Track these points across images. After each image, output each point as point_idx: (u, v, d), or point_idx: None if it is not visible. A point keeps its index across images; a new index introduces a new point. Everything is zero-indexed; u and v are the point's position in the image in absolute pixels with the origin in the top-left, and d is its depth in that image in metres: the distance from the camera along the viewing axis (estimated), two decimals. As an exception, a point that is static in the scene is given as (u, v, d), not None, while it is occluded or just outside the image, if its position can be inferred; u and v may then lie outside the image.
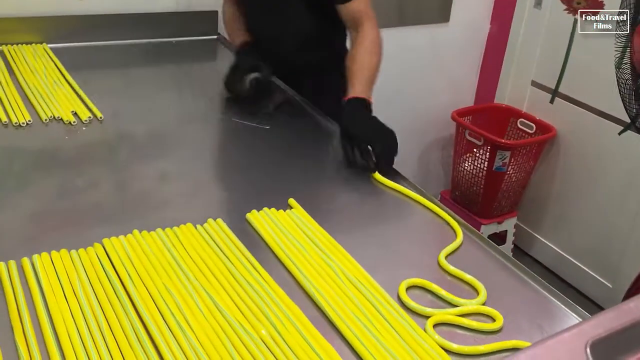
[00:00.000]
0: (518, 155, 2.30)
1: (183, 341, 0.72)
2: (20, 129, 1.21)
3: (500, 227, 2.48)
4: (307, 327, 0.77)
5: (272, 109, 1.41)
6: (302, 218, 1.00)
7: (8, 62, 1.50)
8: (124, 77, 1.49)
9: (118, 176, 1.11)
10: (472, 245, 1.00)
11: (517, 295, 0.90)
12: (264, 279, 0.85)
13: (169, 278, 0.83)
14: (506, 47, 2.53)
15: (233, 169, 1.17)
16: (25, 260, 0.82)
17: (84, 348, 0.70)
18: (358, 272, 0.89)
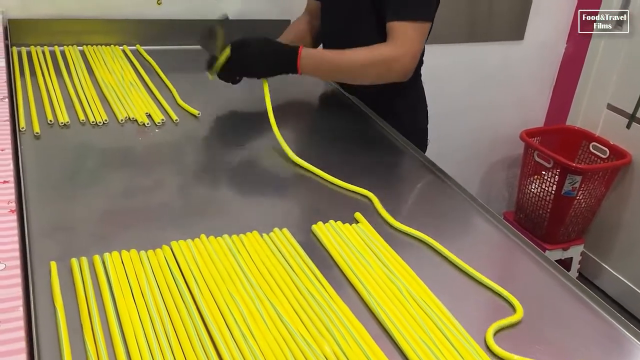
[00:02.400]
0: (589, 181, 2.22)
1: (245, 350, 0.72)
2: (96, 127, 1.25)
3: (566, 254, 2.40)
4: (370, 346, 0.75)
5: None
6: (368, 233, 0.98)
7: (88, 63, 1.55)
8: (196, 82, 1.51)
9: (186, 179, 1.13)
10: (536, 267, 0.97)
11: (584, 322, 0.86)
12: (327, 293, 0.84)
13: (234, 285, 0.83)
14: (582, 67, 2.45)
15: (300, 180, 1.16)
16: (96, 258, 0.84)
17: (149, 349, 0.70)
18: (424, 292, 0.86)
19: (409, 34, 1.28)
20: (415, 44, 1.29)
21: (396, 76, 1.31)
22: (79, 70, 1.48)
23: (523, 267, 0.98)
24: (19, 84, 1.35)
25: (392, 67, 1.30)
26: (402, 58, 1.29)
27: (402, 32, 1.28)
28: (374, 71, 1.31)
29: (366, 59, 1.29)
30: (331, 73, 1.36)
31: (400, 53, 1.28)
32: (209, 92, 1.46)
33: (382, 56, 1.29)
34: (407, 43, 1.28)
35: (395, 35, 1.29)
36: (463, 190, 1.16)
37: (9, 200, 0.84)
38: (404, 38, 1.28)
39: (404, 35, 1.28)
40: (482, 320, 0.84)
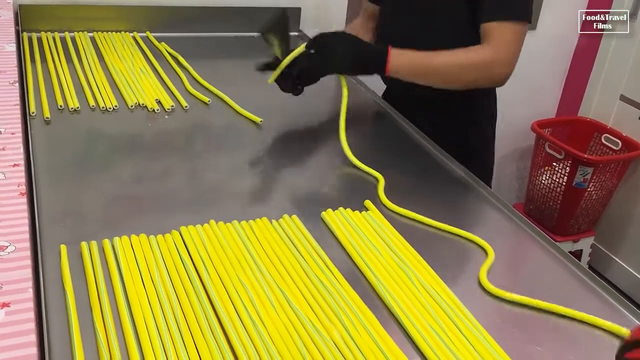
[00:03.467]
0: (601, 172, 2.20)
1: (255, 335, 0.72)
2: (106, 113, 1.24)
3: (576, 246, 2.38)
4: (379, 333, 0.75)
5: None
6: (377, 221, 0.98)
7: (98, 49, 1.55)
8: (209, 69, 1.50)
9: (195, 165, 1.13)
10: (547, 257, 0.96)
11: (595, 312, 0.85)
12: (337, 280, 0.83)
13: (243, 271, 0.82)
14: (595, 58, 2.43)
15: (310, 166, 1.16)
16: (106, 242, 0.84)
17: (159, 332, 0.70)
18: (434, 280, 0.86)
19: (508, 37, 1.18)
20: (515, 48, 1.19)
21: (494, 82, 1.23)
22: (89, 57, 1.48)
23: (534, 257, 0.97)
24: (30, 69, 1.35)
25: (493, 72, 1.20)
26: (503, 62, 1.19)
27: (501, 34, 1.18)
28: (472, 75, 1.21)
29: (465, 61, 1.19)
30: (423, 75, 1.22)
31: (501, 57, 1.18)
32: (218, 79, 1.46)
33: (483, 59, 1.19)
34: (507, 46, 1.18)
35: (493, 37, 1.18)
36: (474, 179, 1.15)
37: (19, 183, 0.84)
38: (504, 41, 1.18)
39: (503, 37, 1.18)
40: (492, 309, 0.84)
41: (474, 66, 1.19)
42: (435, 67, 1.20)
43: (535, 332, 0.80)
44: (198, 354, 0.69)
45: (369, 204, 1.02)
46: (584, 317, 0.82)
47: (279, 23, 1.22)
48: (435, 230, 0.99)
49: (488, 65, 1.19)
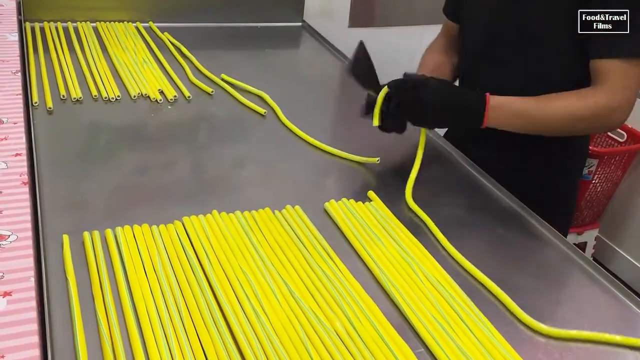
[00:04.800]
0: (606, 164, 2.19)
1: (257, 325, 0.72)
2: (109, 103, 1.24)
3: (580, 238, 2.37)
4: (381, 323, 0.75)
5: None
6: (380, 211, 0.97)
7: (101, 39, 1.54)
8: (209, 59, 1.50)
9: (198, 156, 1.12)
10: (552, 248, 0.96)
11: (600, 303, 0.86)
12: (339, 270, 0.83)
13: (245, 261, 0.82)
14: (601, 49, 2.41)
15: (313, 157, 1.15)
16: (108, 232, 0.84)
17: (161, 322, 0.70)
18: (437, 271, 0.85)
19: (626, 76, 1.00)
20: (634, 89, 1.01)
21: (606, 130, 1.11)
22: (92, 46, 1.47)
23: (538, 248, 0.97)
24: (32, 59, 1.35)
25: (608, 120, 1.04)
26: (620, 108, 1.01)
27: (618, 74, 1.00)
28: (584, 126, 1.05)
29: (576, 112, 1.02)
30: (526, 127, 1.06)
31: (618, 101, 1.01)
32: (221, 69, 1.45)
33: (597, 107, 1.01)
34: (625, 88, 1.00)
35: (607, 77, 1.01)
36: (479, 171, 1.15)
37: (21, 172, 0.84)
38: (621, 81, 1.00)
39: (621, 78, 1.00)
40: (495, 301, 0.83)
41: (587, 117, 1.02)
42: (541, 120, 1.04)
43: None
44: (200, 343, 0.69)
45: (372, 194, 1.02)
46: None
47: (360, 57, 1.09)
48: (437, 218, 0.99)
49: (603, 115, 1.02)
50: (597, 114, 1.02)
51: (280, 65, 1.64)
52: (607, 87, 1.01)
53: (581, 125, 1.05)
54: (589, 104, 1.01)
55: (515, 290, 0.83)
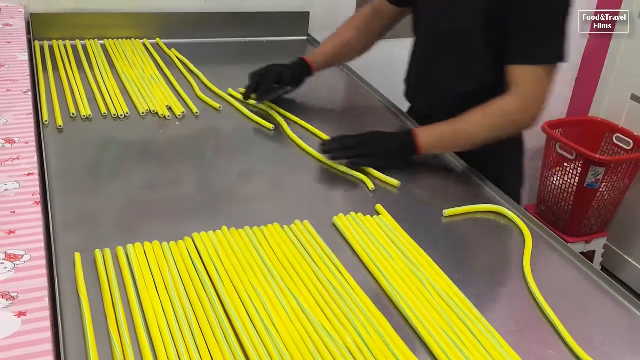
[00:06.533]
0: (613, 172, 2.19)
1: (268, 341, 0.72)
2: (118, 120, 1.25)
3: (588, 247, 2.37)
4: (392, 337, 0.75)
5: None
6: (389, 225, 0.98)
7: (109, 56, 1.56)
8: (216, 75, 1.51)
9: (207, 171, 1.13)
10: (560, 259, 0.96)
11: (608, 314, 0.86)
12: (349, 284, 0.84)
13: (256, 277, 0.83)
14: (605, 58, 2.41)
15: (321, 171, 1.16)
16: (119, 249, 0.85)
17: (173, 339, 0.71)
18: (445, 283, 0.86)
19: (537, 83, 1.12)
20: (543, 94, 1.12)
21: (524, 129, 1.19)
22: (101, 64, 1.49)
23: (546, 259, 0.97)
24: (42, 77, 1.37)
25: (520, 124, 1.16)
26: (529, 111, 1.13)
27: (528, 80, 1.11)
28: (501, 133, 1.16)
29: (490, 124, 1.14)
30: (454, 147, 1.20)
31: (527, 105, 1.12)
32: (228, 85, 1.46)
33: (508, 116, 1.13)
34: (534, 93, 1.12)
35: (518, 83, 1.11)
36: (485, 181, 1.15)
37: (33, 192, 0.85)
38: (531, 88, 1.11)
39: (530, 84, 1.11)
40: (506, 314, 0.84)
41: (501, 125, 1.15)
42: (464, 138, 1.16)
43: (549, 335, 0.80)
44: (212, 359, 0.69)
45: (380, 208, 1.02)
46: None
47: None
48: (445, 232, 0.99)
49: (514, 121, 1.14)
50: (508, 122, 1.14)
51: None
52: (518, 93, 1.11)
53: (499, 133, 1.15)
54: (498, 115, 1.13)
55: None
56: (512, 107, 1.12)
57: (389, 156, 1.17)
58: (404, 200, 1.09)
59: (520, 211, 1.08)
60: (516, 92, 1.12)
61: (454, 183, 1.17)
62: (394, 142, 1.18)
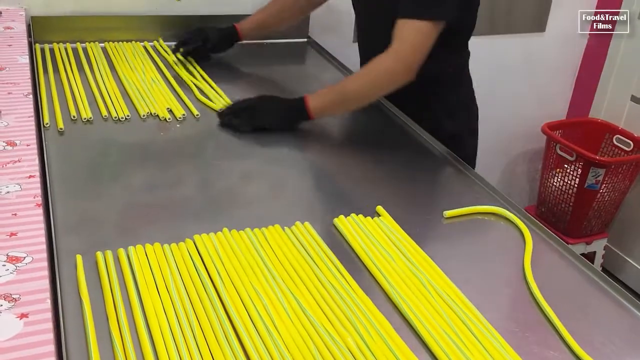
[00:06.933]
0: (613, 174, 2.19)
1: (269, 342, 0.72)
2: (119, 123, 1.26)
3: (589, 248, 2.37)
4: (393, 339, 0.75)
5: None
6: (390, 226, 0.98)
7: (110, 59, 1.56)
8: (217, 77, 1.51)
9: (208, 173, 1.13)
10: (560, 260, 0.96)
11: (609, 315, 0.86)
12: (350, 286, 0.84)
13: (256, 278, 0.83)
14: (605, 59, 2.41)
15: (320, 173, 1.16)
16: (121, 251, 0.85)
17: (174, 341, 0.71)
18: (446, 284, 0.86)
19: (410, 38, 1.20)
20: (416, 48, 1.21)
21: (401, 82, 1.24)
22: (101, 67, 1.49)
23: (546, 260, 0.97)
24: (43, 80, 1.37)
25: (394, 81, 1.23)
26: (402, 68, 1.21)
27: (403, 32, 1.21)
28: (380, 88, 1.26)
29: (368, 81, 1.24)
30: (343, 107, 1.31)
31: (400, 62, 1.21)
32: (229, 87, 1.46)
33: (385, 72, 1.23)
34: (407, 48, 1.20)
35: (397, 35, 1.21)
36: (485, 183, 1.16)
37: (34, 194, 0.85)
38: (404, 40, 1.21)
39: (404, 36, 1.21)
40: (507, 315, 0.84)
41: (378, 81, 1.24)
42: (349, 98, 1.26)
43: (550, 336, 0.80)
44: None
45: (380, 209, 1.02)
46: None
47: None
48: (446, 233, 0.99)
49: (388, 75, 1.23)
50: (382, 76, 1.23)
51: (286, 80, 1.65)
52: (393, 48, 1.21)
53: (378, 89, 1.26)
54: (374, 71, 1.23)
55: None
56: (388, 62, 1.22)
57: (278, 120, 1.27)
58: (404, 202, 1.09)
59: (520, 212, 1.08)
60: (392, 47, 1.21)
61: (454, 184, 1.18)
62: (284, 106, 1.27)
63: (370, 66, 1.24)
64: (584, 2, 2.37)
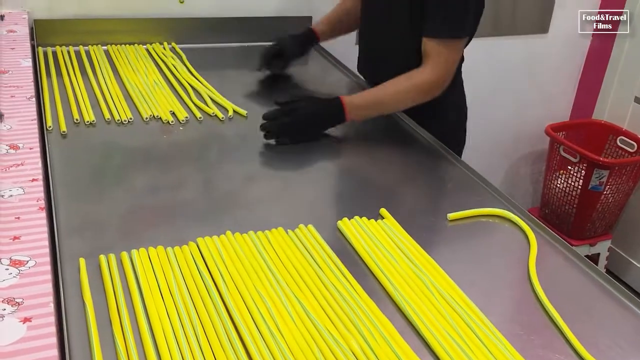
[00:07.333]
0: (617, 175, 2.18)
1: (273, 346, 0.72)
2: (122, 125, 1.26)
3: (593, 250, 2.36)
4: (397, 341, 0.75)
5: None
6: (393, 229, 0.98)
7: (113, 62, 1.56)
8: (219, 79, 1.51)
9: (211, 176, 1.13)
10: (564, 262, 0.96)
11: (614, 317, 0.85)
12: (354, 289, 0.83)
13: (260, 281, 0.83)
14: (608, 60, 2.41)
15: (324, 175, 1.16)
16: (124, 255, 0.85)
17: (178, 344, 0.71)
18: (450, 287, 0.86)
19: (444, 54, 1.29)
20: (450, 63, 1.30)
21: (433, 95, 1.32)
22: (104, 70, 1.49)
23: (550, 262, 0.97)
24: (45, 83, 1.37)
25: (431, 92, 1.31)
26: (439, 81, 1.30)
27: (437, 52, 1.28)
28: (415, 99, 1.32)
29: (407, 91, 1.30)
30: (378, 111, 1.35)
31: (438, 76, 1.29)
32: (232, 89, 1.46)
33: (422, 85, 1.29)
34: (443, 64, 1.29)
35: (430, 55, 1.29)
36: (488, 184, 1.15)
37: (37, 197, 0.85)
38: (439, 59, 1.28)
39: (438, 56, 1.28)
40: (512, 318, 0.83)
41: (416, 93, 1.30)
42: (385, 104, 1.32)
43: (555, 339, 0.79)
44: (217, 365, 0.69)
45: (384, 212, 1.02)
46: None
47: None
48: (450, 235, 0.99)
49: (426, 90, 1.30)
50: (421, 90, 1.30)
51: (289, 83, 1.65)
52: (427, 64, 1.29)
53: (414, 99, 1.32)
54: (414, 84, 1.29)
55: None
56: (425, 78, 1.29)
57: (316, 122, 1.29)
58: (408, 204, 1.09)
59: (524, 214, 1.07)
60: (427, 64, 1.29)
61: (458, 187, 1.17)
62: (322, 108, 1.30)
63: (407, 76, 1.30)
64: (586, 3, 2.36)
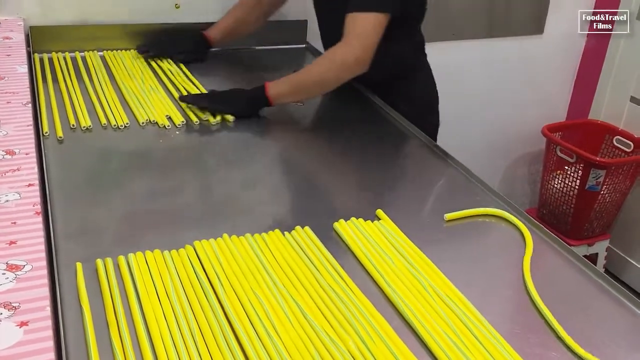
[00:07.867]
0: (614, 175, 2.19)
1: (270, 348, 0.72)
2: (118, 131, 1.26)
3: (591, 250, 2.36)
4: (394, 341, 0.75)
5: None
6: (390, 230, 0.98)
7: (109, 67, 1.56)
8: (215, 83, 1.52)
9: (207, 180, 1.14)
10: (562, 261, 0.96)
11: (612, 316, 0.86)
12: (350, 290, 0.83)
13: (257, 283, 0.83)
14: (604, 60, 2.42)
15: (321, 177, 1.16)
16: (121, 259, 0.85)
17: (175, 348, 0.71)
18: (447, 287, 0.86)
19: (360, 27, 1.27)
20: (367, 37, 1.27)
21: (355, 73, 1.30)
22: (100, 75, 1.50)
23: (548, 261, 0.97)
24: (42, 89, 1.37)
25: (348, 68, 1.29)
26: (354, 55, 1.27)
27: (354, 25, 1.27)
28: (335, 77, 1.31)
29: (323, 69, 1.31)
30: (301, 94, 1.36)
31: (352, 50, 1.27)
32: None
33: (337, 61, 1.29)
34: (358, 38, 1.27)
35: (347, 29, 1.28)
36: (485, 185, 1.15)
37: (34, 202, 0.85)
38: (355, 32, 1.27)
39: (354, 28, 1.27)
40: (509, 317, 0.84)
41: (333, 70, 1.30)
42: (306, 84, 1.33)
43: (552, 337, 0.79)
44: (215, 367, 0.69)
45: (380, 213, 1.02)
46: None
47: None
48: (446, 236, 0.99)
49: (343, 65, 1.28)
50: (337, 66, 1.29)
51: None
52: (344, 39, 1.28)
53: (333, 77, 1.30)
54: (329, 60, 1.30)
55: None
56: (339, 54, 1.28)
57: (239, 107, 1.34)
58: (404, 205, 1.09)
59: (521, 214, 1.07)
60: (343, 39, 1.29)
61: (454, 187, 1.18)
62: (245, 94, 1.34)
63: (324, 56, 1.33)
64: (582, 3, 2.37)
